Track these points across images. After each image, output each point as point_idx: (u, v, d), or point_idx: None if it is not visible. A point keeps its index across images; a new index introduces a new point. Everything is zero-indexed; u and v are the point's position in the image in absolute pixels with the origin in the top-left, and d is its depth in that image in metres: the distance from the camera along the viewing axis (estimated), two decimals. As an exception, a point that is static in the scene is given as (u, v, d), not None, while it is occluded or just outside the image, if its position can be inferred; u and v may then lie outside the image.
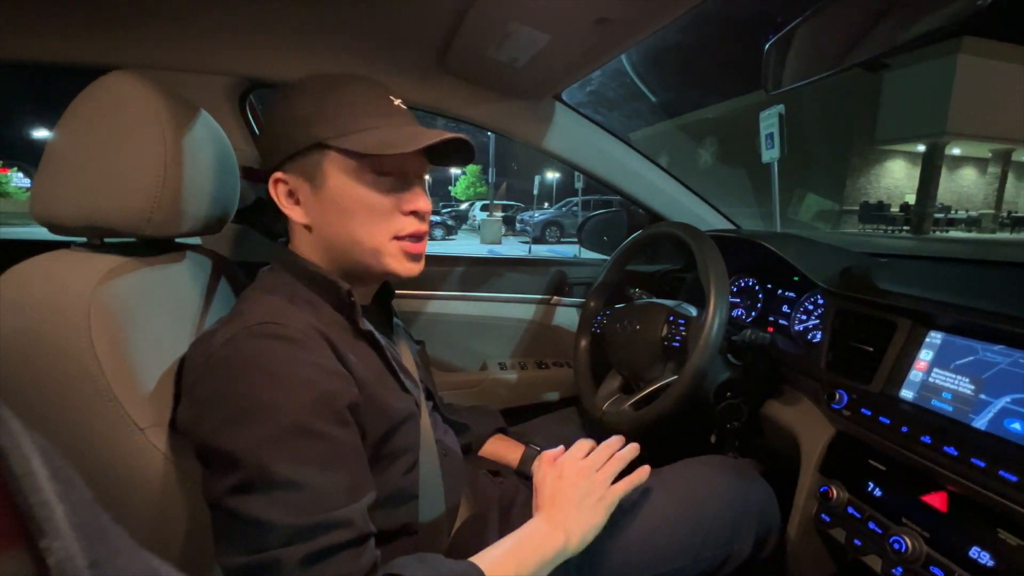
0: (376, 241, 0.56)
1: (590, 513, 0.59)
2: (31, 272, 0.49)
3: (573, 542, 0.56)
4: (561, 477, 0.62)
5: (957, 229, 15.86)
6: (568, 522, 0.57)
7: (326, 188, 0.54)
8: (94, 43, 0.87)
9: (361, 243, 0.56)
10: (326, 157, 0.54)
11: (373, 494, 0.49)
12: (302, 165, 0.55)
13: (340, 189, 0.54)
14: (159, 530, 0.53)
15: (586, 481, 0.61)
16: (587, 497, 0.60)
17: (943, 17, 0.55)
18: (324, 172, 0.54)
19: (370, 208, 0.55)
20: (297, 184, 0.56)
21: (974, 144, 15.11)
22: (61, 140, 0.53)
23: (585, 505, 0.59)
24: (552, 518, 0.58)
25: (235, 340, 0.47)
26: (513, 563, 0.52)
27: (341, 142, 0.53)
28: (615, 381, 0.96)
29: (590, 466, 0.63)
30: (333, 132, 0.53)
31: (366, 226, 0.55)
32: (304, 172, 0.55)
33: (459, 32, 0.84)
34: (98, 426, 0.48)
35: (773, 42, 0.78)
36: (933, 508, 0.60)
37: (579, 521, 0.58)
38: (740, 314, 1.10)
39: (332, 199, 0.55)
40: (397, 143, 0.52)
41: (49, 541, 0.15)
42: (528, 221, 14.59)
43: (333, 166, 0.54)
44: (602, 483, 0.61)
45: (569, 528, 0.57)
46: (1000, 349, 0.60)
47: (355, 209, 0.55)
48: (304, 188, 0.55)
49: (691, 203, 1.31)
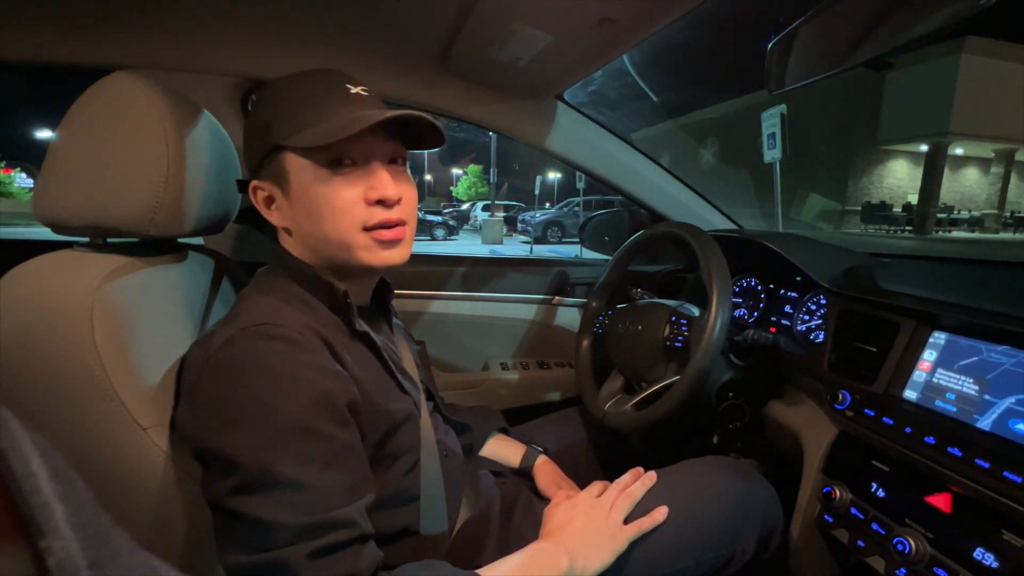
0: (344, 236, 0.54)
1: (598, 549, 0.58)
2: (34, 272, 0.49)
3: (576, 571, 0.55)
4: (574, 507, 0.62)
5: (960, 229, 15.80)
6: (575, 550, 0.57)
7: (291, 189, 0.54)
8: (97, 44, 0.87)
9: (330, 240, 0.54)
10: (286, 158, 0.54)
11: (373, 494, 0.49)
12: (270, 170, 0.55)
13: (302, 188, 0.54)
14: (160, 530, 0.53)
15: (598, 515, 0.61)
16: (596, 532, 0.60)
17: (946, 16, 0.55)
18: (287, 173, 0.54)
19: (330, 203, 0.53)
20: (271, 189, 0.56)
21: (977, 144, 15.06)
22: (64, 140, 0.53)
23: (594, 540, 0.59)
24: (560, 542, 0.58)
25: (233, 341, 0.47)
26: None
27: (292, 140, 0.52)
28: (617, 381, 0.96)
29: (604, 504, 0.63)
30: (287, 131, 0.52)
31: (331, 222, 0.53)
32: (273, 176, 0.55)
33: (461, 32, 0.84)
34: (100, 425, 0.48)
35: (776, 41, 0.78)
36: (937, 509, 0.60)
37: (586, 553, 0.57)
38: (742, 314, 1.10)
39: (298, 199, 0.54)
40: (336, 131, 0.50)
41: (49, 542, 0.15)
42: (529, 221, 14.58)
43: (293, 166, 0.53)
44: (614, 522, 0.61)
45: (575, 555, 0.56)
46: (1004, 349, 0.59)
47: (318, 206, 0.53)
48: (276, 192, 0.56)
49: (693, 203, 1.30)
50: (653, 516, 0.64)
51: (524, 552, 0.56)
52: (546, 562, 0.55)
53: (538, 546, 0.57)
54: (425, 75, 1.03)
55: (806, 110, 16.17)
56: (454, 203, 25.91)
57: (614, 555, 0.59)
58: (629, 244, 1.04)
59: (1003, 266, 0.85)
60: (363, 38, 0.94)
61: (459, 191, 31.81)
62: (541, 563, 0.55)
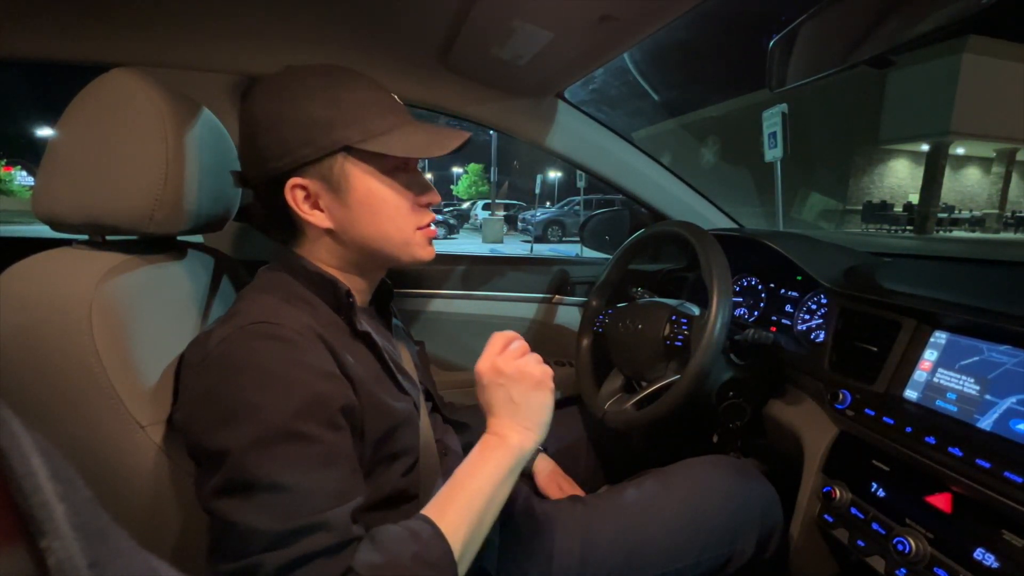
0: (405, 235, 0.58)
1: (529, 408, 0.55)
2: (33, 269, 0.49)
3: (525, 444, 0.53)
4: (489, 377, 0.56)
5: (961, 229, 15.79)
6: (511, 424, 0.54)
7: (353, 191, 0.54)
8: (96, 40, 0.87)
9: (392, 239, 0.58)
10: (350, 160, 0.54)
11: (360, 499, 0.48)
12: (323, 169, 0.53)
13: (369, 191, 0.55)
14: (159, 528, 0.53)
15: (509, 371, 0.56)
16: (518, 391, 0.55)
17: (947, 15, 0.55)
18: (349, 175, 0.54)
19: (398, 206, 0.57)
20: (317, 188, 0.54)
21: (978, 144, 15.03)
22: (63, 138, 0.53)
23: (520, 400, 0.55)
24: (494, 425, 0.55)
25: (229, 340, 0.47)
26: (464, 495, 0.50)
27: (368, 145, 0.53)
28: (617, 380, 0.96)
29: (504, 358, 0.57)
30: (359, 136, 0.53)
31: (395, 222, 0.57)
32: (325, 176, 0.54)
33: (462, 30, 0.84)
34: (99, 423, 0.48)
35: (777, 40, 0.78)
36: (937, 509, 0.60)
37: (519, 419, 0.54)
38: (743, 313, 1.10)
39: (361, 201, 0.55)
40: (425, 145, 0.55)
41: (49, 541, 0.14)
42: (530, 220, 14.58)
43: (358, 169, 0.54)
44: (521, 369, 0.56)
45: (510, 429, 0.54)
46: (1006, 349, 0.59)
47: (385, 209, 0.56)
48: (326, 192, 0.54)
49: (694, 202, 1.30)
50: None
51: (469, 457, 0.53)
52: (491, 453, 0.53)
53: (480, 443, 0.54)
54: (426, 73, 1.03)
55: (807, 109, 16.15)
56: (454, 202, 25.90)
57: (547, 412, 0.56)
58: (630, 243, 1.04)
59: (1004, 266, 0.85)
60: (364, 36, 0.94)
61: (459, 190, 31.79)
62: (485, 457, 0.53)
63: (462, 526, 0.48)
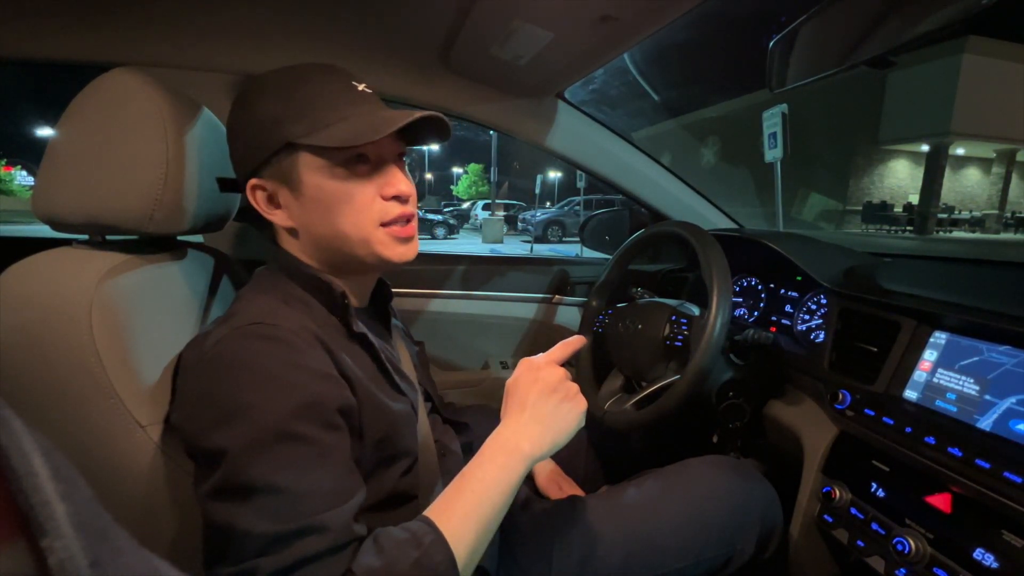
0: (363, 232, 0.55)
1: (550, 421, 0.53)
2: (33, 269, 0.49)
3: (535, 451, 0.51)
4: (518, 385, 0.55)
5: (961, 229, 15.79)
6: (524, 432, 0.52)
7: (304, 187, 0.53)
8: (96, 40, 0.87)
9: (348, 236, 0.54)
10: (299, 156, 0.52)
11: (359, 499, 0.47)
12: (277, 168, 0.53)
13: (319, 186, 0.53)
14: (159, 527, 0.53)
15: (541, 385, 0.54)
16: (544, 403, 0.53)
17: (947, 15, 0.55)
18: (299, 172, 0.53)
19: (351, 200, 0.53)
20: (275, 188, 0.54)
21: (978, 144, 15.04)
22: (63, 137, 0.53)
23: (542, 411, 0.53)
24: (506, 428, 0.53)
25: (225, 340, 0.47)
26: (470, 498, 0.48)
27: (311, 139, 0.51)
28: (617, 380, 0.96)
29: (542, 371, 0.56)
30: (302, 130, 0.51)
31: (350, 218, 0.54)
32: (280, 175, 0.53)
33: (462, 30, 0.84)
34: (99, 423, 0.48)
35: (777, 40, 0.78)
36: (937, 509, 0.60)
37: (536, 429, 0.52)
38: (743, 314, 1.10)
39: (312, 197, 0.53)
40: (366, 132, 0.51)
41: (50, 540, 0.15)
42: (530, 220, 14.59)
43: (307, 164, 0.53)
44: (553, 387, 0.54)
45: (523, 437, 0.51)
46: (1006, 350, 0.59)
47: (336, 204, 0.53)
48: (283, 191, 0.54)
49: (694, 202, 1.30)
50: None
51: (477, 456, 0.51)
52: (499, 457, 0.51)
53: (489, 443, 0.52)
54: (426, 73, 1.03)
55: (808, 110, 16.14)
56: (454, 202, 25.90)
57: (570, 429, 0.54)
58: (630, 243, 1.04)
59: (1004, 266, 0.85)
60: (364, 36, 0.94)
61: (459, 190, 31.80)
62: (494, 459, 0.51)
63: (466, 531, 0.47)
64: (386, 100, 0.60)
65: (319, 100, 0.53)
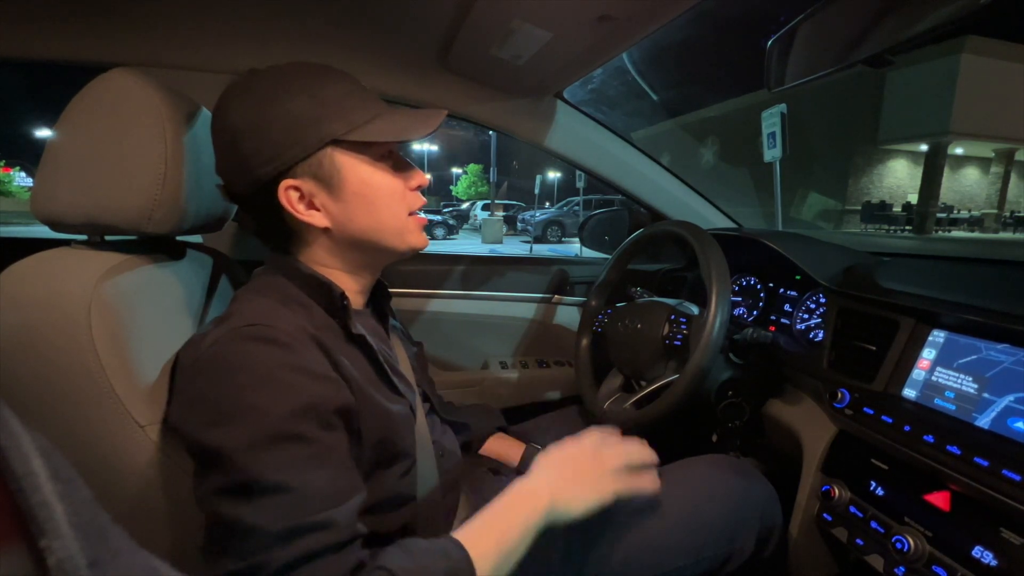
0: (399, 221, 0.58)
1: (583, 491, 0.56)
2: (32, 269, 0.49)
3: (558, 510, 0.53)
4: (571, 445, 0.59)
5: (960, 229, 15.81)
6: (560, 489, 0.54)
7: (347, 184, 0.54)
8: (95, 41, 0.87)
9: (388, 227, 0.58)
10: (339, 154, 0.53)
11: (360, 497, 0.48)
12: (313, 167, 0.53)
13: (362, 181, 0.55)
14: (158, 527, 0.53)
15: (590, 458, 0.58)
16: (587, 475, 0.57)
17: (945, 14, 0.55)
18: (341, 169, 0.54)
19: (391, 191, 0.57)
20: (312, 188, 0.53)
21: (977, 144, 15.06)
22: (62, 138, 0.53)
23: (581, 482, 0.56)
24: (545, 479, 0.55)
25: (222, 342, 0.47)
26: (495, 532, 0.50)
27: (355, 136, 0.53)
28: (616, 380, 0.96)
29: (600, 450, 0.59)
30: (343, 128, 0.53)
31: (390, 208, 0.57)
32: (317, 174, 0.53)
33: (461, 30, 0.84)
34: (98, 423, 0.48)
35: (775, 39, 0.78)
36: (936, 507, 0.60)
37: (571, 494, 0.55)
38: (742, 313, 1.10)
39: (356, 192, 0.55)
40: (408, 128, 0.55)
41: (49, 540, 0.15)
42: (529, 220, 14.58)
43: (349, 161, 0.54)
44: (605, 469, 0.58)
45: (557, 495, 0.54)
46: (1004, 348, 0.60)
47: (380, 196, 0.56)
48: (319, 190, 0.54)
49: (693, 202, 1.30)
50: (643, 481, 0.61)
51: (508, 491, 0.53)
52: (527, 500, 0.53)
53: (523, 484, 0.54)
54: (425, 73, 1.03)
55: (807, 109, 16.16)
56: (454, 202, 25.89)
57: (598, 503, 0.56)
58: (629, 243, 1.04)
59: (1003, 265, 0.85)
60: (363, 36, 0.94)
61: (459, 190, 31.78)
62: (522, 501, 0.53)
63: (489, 563, 0.48)
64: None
65: (347, 100, 0.54)
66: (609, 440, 0.61)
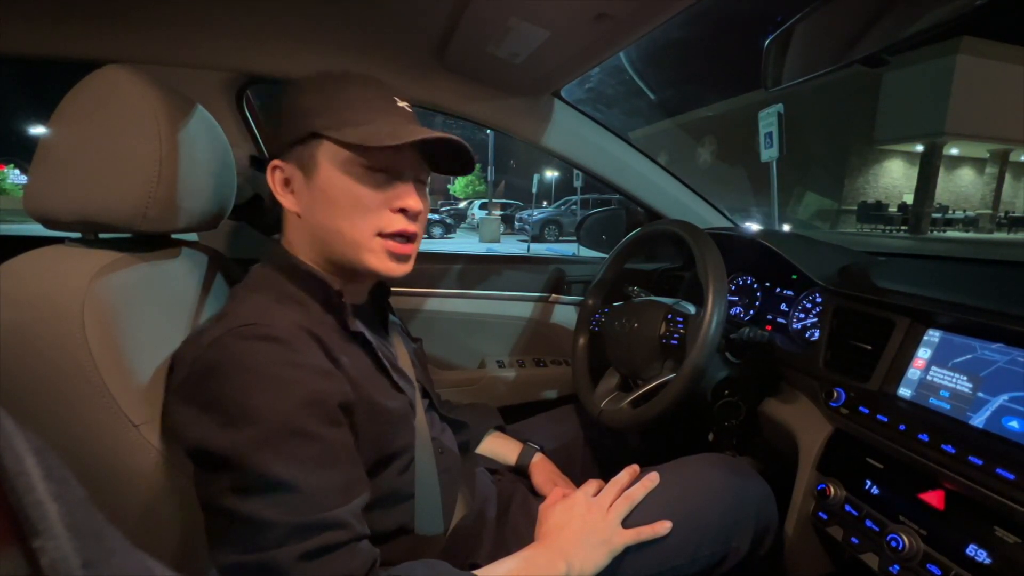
0: (358, 234, 0.55)
1: (594, 551, 0.58)
2: (25, 267, 0.48)
3: (573, 573, 0.56)
4: (570, 508, 0.62)
5: (955, 229, 15.89)
6: (571, 553, 0.57)
7: (317, 177, 0.55)
8: (89, 37, 0.86)
9: (343, 235, 0.55)
10: (321, 147, 0.54)
11: (367, 494, 0.49)
12: (299, 154, 0.55)
13: (329, 179, 0.55)
14: (153, 527, 0.53)
15: (595, 517, 0.61)
16: (593, 535, 0.60)
17: (941, 15, 0.55)
18: (317, 161, 0.55)
19: (356, 200, 0.55)
20: (292, 172, 0.56)
21: (972, 144, 15.14)
22: (55, 135, 0.52)
23: (590, 542, 0.59)
24: (554, 546, 0.58)
25: (221, 343, 0.47)
26: None
27: (336, 133, 0.53)
28: (613, 379, 0.96)
29: (602, 505, 0.63)
30: (329, 123, 0.54)
31: (350, 218, 0.55)
32: (300, 161, 0.56)
33: (458, 28, 0.84)
34: (92, 422, 0.48)
35: (772, 39, 0.78)
36: (930, 506, 0.60)
37: (583, 556, 0.57)
38: (738, 312, 1.10)
39: (321, 188, 0.55)
40: (384, 137, 0.52)
41: (42, 541, 0.14)
42: (527, 219, 14.57)
43: (326, 156, 0.54)
44: (611, 524, 0.61)
45: (571, 559, 0.56)
46: (998, 347, 0.60)
47: (341, 199, 0.55)
48: (298, 176, 0.56)
49: (690, 201, 1.30)
50: (655, 527, 0.63)
51: (519, 556, 0.56)
52: (542, 566, 0.55)
53: (534, 550, 0.57)
54: (421, 71, 1.03)
55: (803, 110, 16.21)
56: (451, 201, 25.85)
57: (610, 558, 0.59)
58: (626, 242, 1.04)
59: (997, 265, 0.86)
60: (359, 34, 0.93)
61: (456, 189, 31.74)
62: (537, 566, 0.55)
63: None
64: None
65: (356, 103, 0.55)
66: (603, 495, 0.65)
